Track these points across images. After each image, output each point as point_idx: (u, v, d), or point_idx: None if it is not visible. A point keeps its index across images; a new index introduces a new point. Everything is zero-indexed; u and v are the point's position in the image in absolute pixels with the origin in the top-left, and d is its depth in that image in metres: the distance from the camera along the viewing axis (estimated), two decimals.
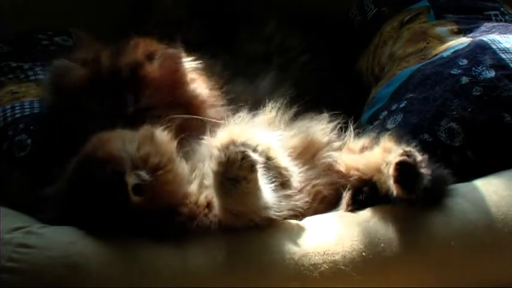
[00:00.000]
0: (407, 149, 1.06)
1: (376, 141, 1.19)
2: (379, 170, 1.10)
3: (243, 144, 0.98)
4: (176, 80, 1.29)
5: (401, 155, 1.04)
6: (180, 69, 1.30)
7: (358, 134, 1.24)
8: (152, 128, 1.10)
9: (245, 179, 0.97)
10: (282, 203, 1.05)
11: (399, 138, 1.15)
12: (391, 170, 1.05)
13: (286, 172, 1.08)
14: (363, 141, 1.22)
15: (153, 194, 1.01)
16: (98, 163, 1.01)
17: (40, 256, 0.98)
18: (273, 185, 1.03)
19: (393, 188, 1.05)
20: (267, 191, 1.02)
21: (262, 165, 1.01)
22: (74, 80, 1.25)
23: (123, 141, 1.04)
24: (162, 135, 1.09)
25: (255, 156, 0.98)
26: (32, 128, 1.28)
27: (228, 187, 0.98)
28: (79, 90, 1.25)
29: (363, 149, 1.20)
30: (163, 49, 1.31)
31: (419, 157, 1.05)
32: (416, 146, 1.10)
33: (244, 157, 0.97)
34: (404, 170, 1.03)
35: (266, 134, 1.12)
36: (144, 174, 1.00)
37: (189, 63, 1.31)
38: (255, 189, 1.00)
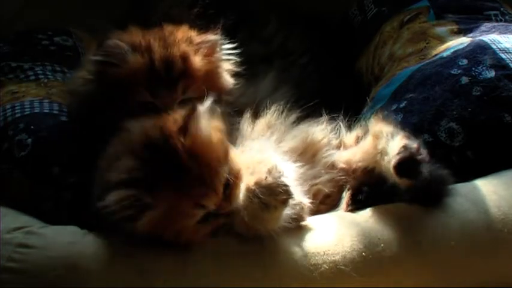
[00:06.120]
0: (404, 142, 1.06)
1: (367, 128, 1.19)
2: (376, 161, 1.11)
3: (287, 178, 0.99)
4: (216, 68, 1.30)
5: (399, 152, 1.04)
6: (219, 57, 1.30)
7: (349, 126, 1.25)
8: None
9: (275, 207, 0.99)
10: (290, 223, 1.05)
11: (386, 118, 1.16)
12: (391, 167, 1.05)
13: (299, 207, 1.08)
14: (356, 132, 1.23)
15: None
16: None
17: (40, 256, 0.98)
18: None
19: (397, 180, 1.06)
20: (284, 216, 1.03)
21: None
22: (128, 67, 1.21)
23: None
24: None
25: (292, 191, 0.99)
26: (32, 127, 1.28)
27: (256, 206, 0.98)
28: (131, 79, 1.21)
29: (358, 140, 1.21)
30: (205, 37, 1.29)
31: (415, 144, 1.05)
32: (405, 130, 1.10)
33: (284, 192, 0.98)
34: (405, 165, 1.04)
35: (285, 164, 1.12)
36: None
37: (226, 51, 1.32)
38: (279, 217, 1.01)
